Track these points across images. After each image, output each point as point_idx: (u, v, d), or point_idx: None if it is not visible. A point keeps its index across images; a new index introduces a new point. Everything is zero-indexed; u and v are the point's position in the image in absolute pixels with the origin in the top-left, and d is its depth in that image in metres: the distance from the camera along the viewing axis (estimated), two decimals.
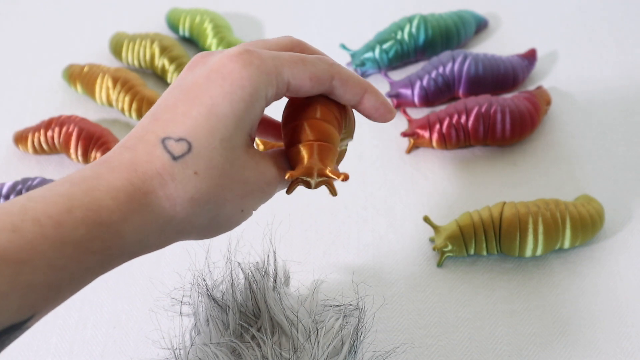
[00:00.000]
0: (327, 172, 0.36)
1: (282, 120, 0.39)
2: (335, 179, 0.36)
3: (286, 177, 0.35)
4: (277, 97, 0.36)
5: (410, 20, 0.71)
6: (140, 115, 0.67)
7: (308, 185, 0.36)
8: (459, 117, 0.63)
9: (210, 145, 0.33)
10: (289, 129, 0.37)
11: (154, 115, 0.34)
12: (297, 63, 0.35)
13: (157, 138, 0.33)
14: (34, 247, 0.28)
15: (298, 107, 0.38)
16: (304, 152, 0.36)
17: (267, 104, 0.35)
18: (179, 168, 0.32)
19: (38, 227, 0.29)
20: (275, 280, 0.45)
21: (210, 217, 0.34)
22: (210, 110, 0.33)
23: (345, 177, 0.35)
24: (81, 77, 0.69)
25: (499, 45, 0.75)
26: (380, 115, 0.39)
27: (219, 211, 0.34)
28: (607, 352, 0.51)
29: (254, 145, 0.38)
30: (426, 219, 0.58)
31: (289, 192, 0.37)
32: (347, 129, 0.40)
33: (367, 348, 0.50)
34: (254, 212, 0.37)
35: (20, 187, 0.59)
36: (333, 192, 0.37)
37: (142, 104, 0.67)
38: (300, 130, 0.37)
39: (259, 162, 0.35)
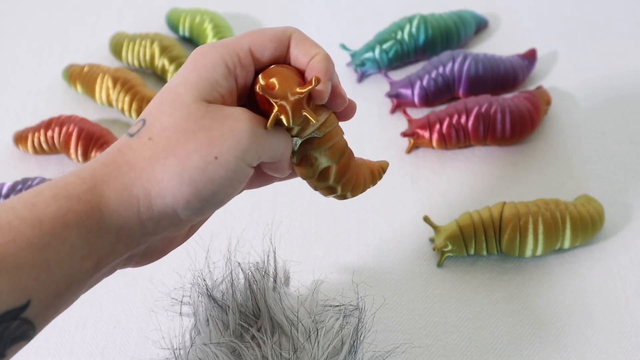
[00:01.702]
0: (298, 91, 0.34)
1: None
2: (311, 88, 0.34)
3: (257, 88, 0.34)
4: (244, 65, 0.36)
5: (410, 20, 0.71)
6: (140, 115, 0.67)
7: (285, 112, 0.34)
8: (459, 117, 0.63)
9: (159, 112, 0.34)
10: (252, 92, 0.36)
11: None
12: (253, 32, 0.37)
13: (126, 132, 0.35)
14: (12, 227, 0.30)
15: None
16: (272, 80, 0.35)
17: (234, 71, 0.35)
18: (135, 140, 0.34)
19: (12, 212, 0.30)
20: (275, 280, 0.45)
21: (180, 173, 0.33)
22: (164, 89, 0.35)
23: (317, 80, 0.34)
24: (81, 77, 0.69)
25: (499, 45, 0.75)
26: (317, 70, 0.36)
27: (187, 164, 0.33)
28: (606, 352, 0.51)
29: None
30: (426, 219, 0.58)
31: (270, 124, 0.34)
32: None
33: (367, 348, 0.50)
34: (246, 165, 0.34)
35: (20, 187, 0.59)
36: (314, 117, 0.34)
37: (142, 104, 0.67)
38: (258, 80, 0.35)
39: (223, 108, 0.34)
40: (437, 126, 0.63)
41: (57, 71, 0.73)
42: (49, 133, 0.64)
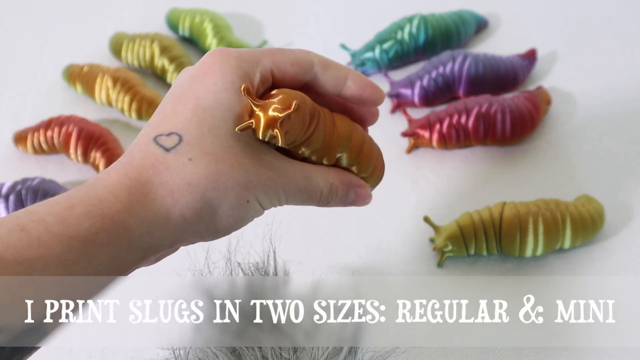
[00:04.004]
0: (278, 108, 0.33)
1: None
2: (289, 111, 0.33)
3: (241, 89, 0.33)
4: (265, 85, 0.36)
5: (410, 20, 0.71)
6: (139, 115, 0.67)
7: (257, 124, 0.34)
8: (459, 117, 0.63)
9: (200, 134, 0.33)
10: None
11: (147, 123, 0.36)
12: (276, 52, 0.36)
13: (149, 138, 0.34)
14: (42, 243, 0.29)
15: None
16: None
17: (256, 91, 0.36)
18: (172, 157, 0.33)
19: (43, 225, 0.30)
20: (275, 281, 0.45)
21: (215, 207, 0.33)
22: (196, 104, 0.34)
23: (296, 106, 0.33)
24: (81, 77, 0.69)
25: (499, 45, 0.75)
26: (369, 94, 0.38)
27: (223, 199, 0.33)
28: (607, 352, 0.51)
29: None
30: (426, 219, 0.58)
31: (240, 129, 0.34)
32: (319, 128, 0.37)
33: (367, 348, 0.50)
34: (265, 210, 0.36)
35: (20, 187, 0.59)
36: (282, 140, 0.34)
37: (142, 104, 0.67)
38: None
39: (259, 154, 0.35)
40: (437, 126, 0.63)
41: (57, 71, 0.73)
42: (49, 133, 0.64)
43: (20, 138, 0.65)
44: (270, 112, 0.34)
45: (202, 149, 0.33)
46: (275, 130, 0.34)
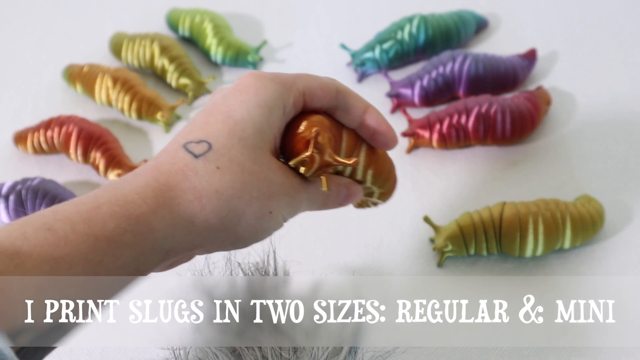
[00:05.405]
0: (335, 157, 0.36)
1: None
2: (347, 164, 0.36)
3: (312, 131, 0.35)
4: (296, 107, 0.37)
5: (410, 20, 0.71)
6: (139, 115, 0.67)
7: (311, 164, 0.35)
8: (459, 117, 0.63)
9: (230, 144, 0.34)
10: (290, 132, 0.37)
11: (177, 133, 0.36)
12: (307, 76, 0.37)
13: (179, 144, 0.34)
14: (69, 242, 0.29)
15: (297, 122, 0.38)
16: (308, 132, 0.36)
17: (287, 114, 0.36)
18: (201, 164, 0.33)
19: (70, 225, 0.30)
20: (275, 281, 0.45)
21: (239, 215, 0.34)
22: (228, 116, 0.35)
23: (356, 162, 0.36)
24: (81, 77, 0.69)
25: (499, 45, 0.75)
26: (384, 131, 0.39)
27: (247, 209, 0.34)
28: (607, 353, 0.51)
29: None
30: (426, 219, 0.58)
31: (293, 162, 0.36)
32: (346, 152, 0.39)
33: (367, 348, 0.50)
34: (285, 223, 0.37)
35: (20, 187, 0.59)
36: (325, 186, 0.36)
37: (142, 104, 0.67)
38: (300, 124, 0.37)
39: (283, 167, 0.36)
40: (437, 126, 0.63)
41: (57, 71, 0.73)
42: (49, 133, 0.64)
43: (20, 138, 0.66)
44: (326, 157, 0.35)
45: (231, 158, 0.34)
46: (324, 175, 0.36)
